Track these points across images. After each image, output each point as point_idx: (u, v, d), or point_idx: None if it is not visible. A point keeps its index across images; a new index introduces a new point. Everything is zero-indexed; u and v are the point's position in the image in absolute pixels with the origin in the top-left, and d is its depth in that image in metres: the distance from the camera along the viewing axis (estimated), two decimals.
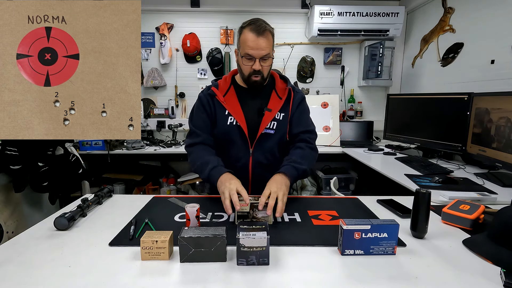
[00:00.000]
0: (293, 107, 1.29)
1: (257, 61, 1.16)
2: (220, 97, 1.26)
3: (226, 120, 1.25)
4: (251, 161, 1.26)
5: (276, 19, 3.08)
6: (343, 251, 0.81)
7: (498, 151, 1.57)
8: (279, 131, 1.26)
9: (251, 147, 1.26)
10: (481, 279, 0.71)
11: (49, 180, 1.96)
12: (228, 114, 1.25)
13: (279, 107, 1.26)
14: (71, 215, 0.98)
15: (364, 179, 2.89)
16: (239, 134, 1.24)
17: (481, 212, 1.00)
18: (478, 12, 2.14)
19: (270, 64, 1.22)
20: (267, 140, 1.25)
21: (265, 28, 1.15)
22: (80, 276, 0.72)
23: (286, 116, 1.28)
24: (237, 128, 1.24)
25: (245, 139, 1.25)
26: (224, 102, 1.25)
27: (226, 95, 1.27)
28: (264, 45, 1.14)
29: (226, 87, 1.28)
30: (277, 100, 1.27)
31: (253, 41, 1.13)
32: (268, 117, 1.24)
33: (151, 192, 2.93)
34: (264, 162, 1.27)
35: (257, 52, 1.15)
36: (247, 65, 1.18)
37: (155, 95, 3.18)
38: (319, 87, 3.20)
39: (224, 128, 1.25)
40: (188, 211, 0.93)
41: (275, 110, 1.25)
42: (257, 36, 1.13)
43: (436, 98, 2.14)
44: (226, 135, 1.25)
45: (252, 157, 1.26)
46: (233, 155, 1.27)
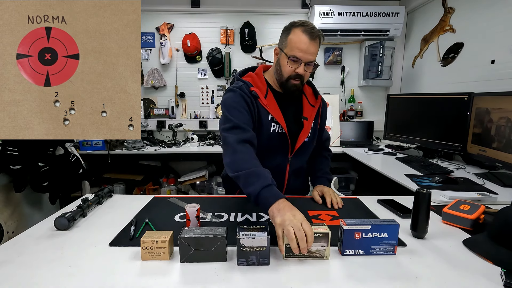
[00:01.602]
0: (322, 115, 1.29)
1: (302, 64, 1.09)
2: (264, 100, 1.14)
3: (269, 127, 1.15)
4: (288, 169, 1.23)
5: (276, 19, 3.08)
6: (343, 251, 0.81)
7: (498, 151, 1.57)
8: (313, 139, 1.26)
9: (290, 155, 1.21)
10: (481, 279, 0.70)
11: (49, 180, 1.97)
12: (271, 120, 1.15)
13: (313, 115, 1.22)
14: (71, 215, 0.98)
15: (364, 179, 2.89)
16: (282, 142, 1.17)
17: (481, 212, 1.00)
18: (478, 12, 2.14)
19: (312, 72, 1.18)
20: (305, 148, 1.23)
21: (318, 33, 1.08)
22: (80, 276, 0.72)
23: (316, 123, 1.26)
24: (281, 136, 1.16)
25: (286, 148, 1.18)
26: (267, 106, 1.13)
27: (266, 98, 1.15)
28: (314, 50, 1.08)
29: (264, 89, 1.16)
30: (310, 108, 1.23)
31: (305, 43, 1.06)
32: (308, 127, 1.20)
33: (151, 192, 2.93)
34: (297, 168, 1.27)
35: (305, 56, 1.07)
36: (291, 67, 1.10)
37: (155, 95, 3.18)
38: (319, 87, 3.20)
39: (268, 134, 1.15)
40: (188, 211, 0.93)
41: (310, 119, 1.21)
42: (310, 39, 1.06)
43: (436, 98, 2.14)
44: (269, 142, 1.16)
45: (289, 164, 1.22)
46: (271, 162, 1.16)
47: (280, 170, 1.21)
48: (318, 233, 0.78)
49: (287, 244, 0.78)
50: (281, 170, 1.21)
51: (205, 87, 3.19)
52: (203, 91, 3.19)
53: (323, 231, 0.78)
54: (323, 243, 0.78)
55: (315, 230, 0.78)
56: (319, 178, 1.27)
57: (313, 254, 0.79)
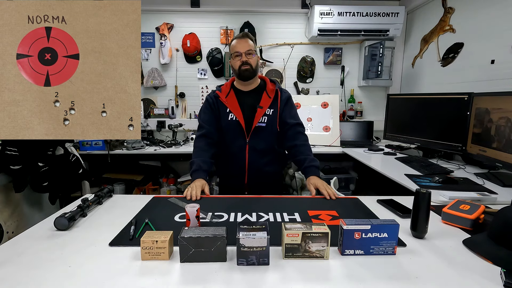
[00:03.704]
0: (281, 104, 1.56)
1: (243, 54, 1.47)
2: (223, 98, 1.54)
3: (227, 116, 1.53)
4: (248, 149, 1.53)
5: (276, 19, 3.08)
6: (343, 251, 0.81)
7: (498, 151, 1.57)
8: (270, 124, 1.53)
9: (247, 137, 1.52)
10: (481, 279, 0.71)
11: (49, 180, 1.96)
12: (229, 112, 1.53)
13: (268, 104, 1.53)
14: (71, 215, 0.98)
15: (364, 179, 2.89)
16: (238, 128, 1.51)
17: (481, 212, 1.00)
18: (478, 12, 2.13)
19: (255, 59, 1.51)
20: (260, 131, 1.52)
21: (246, 33, 1.52)
22: (80, 276, 0.72)
23: (275, 111, 1.54)
24: (237, 123, 1.51)
25: (242, 131, 1.52)
26: (226, 102, 1.53)
27: (227, 97, 1.55)
28: (245, 44, 1.47)
29: (227, 90, 1.56)
30: (267, 99, 1.54)
31: (238, 42, 1.49)
32: (260, 113, 1.51)
33: (151, 192, 2.93)
34: (258, 149, 1.53)
35: (242, 49, 1.47)
36: (236, 60, 1.49)
37: (155, 95, 3.18)
38: (319, 87, 3.20)
39: (226, 122, 1.53)
40: (188, 211, 0.93)
41: (265, 107, 1.52)
42: (239, 38, 1.49)
43: (436, 98, 2.14)
44: (228, 128, 1.53)
45: (248, 145, 1.53)
46: (233, 144, 1.54)
47: (241, 149, 1.53)
48: (318, 233, 0.78)
49: (287, 244, 0.78)
50: (241, 150, 1.53)
51: (205, 87, 3.19)
52: (203, 91, 3.19)
53: (323, 231, 0.78)
54: (323, 243, 0.78)
55: (315, 230, 0.78)
56: (307, 168, 1.44)
57: (313, 254, 0.79)
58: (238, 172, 1.55)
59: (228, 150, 1.55)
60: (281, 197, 1.29)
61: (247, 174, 1.55)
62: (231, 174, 1.60)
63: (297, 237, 0.78)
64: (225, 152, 1.57)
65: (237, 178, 1.57)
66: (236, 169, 1.55)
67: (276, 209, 1.13)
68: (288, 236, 0.78)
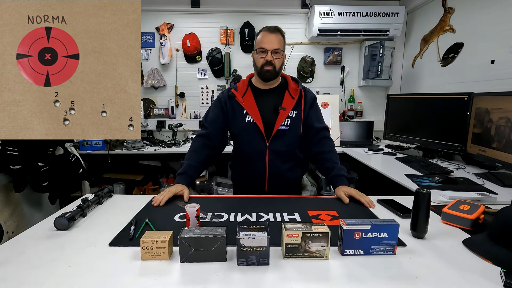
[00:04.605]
0: (305, 105, 1.41)
1: (269, 53, 1.30)
2: (239, 98, 1.38)
3: (244, 119, 1.37)
4: (268, 153, 1.38)
5: (276, 19, 3.07)
6: (343, 251, 0.81)
7: (498, 151, 1.57)
8: (293, 127, 1.38)
9: (267, 141, 1.37)
10: (481, 279, 0.71)
11: (49, 180, 1.96)
12: (246, 114, 1.37)
13: (292, 105, 1.37)
14: (71, 215, 0.98)
15: (364, 179, 2.89)
16: (256, 130, 1.36)
17: (481, 212, 1.00)
18: (478, 12, 2.13)
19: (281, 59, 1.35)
20: (282, 135, 1.37)
21: (277, 28, 1.33)
22: (80, 276, 0.72)
23: (299, 114, 1.40)
24: (254, 126, 1.36)
25: (261, 135, 1.36)
26: (243, 102, 1.38)
27: (244, 97, 1.39)
28: (275, 40, 1.30)
29: (244, 89, 1.41)
30: (290, 99, 1.38)
31: (267, 36, 1.31)
32: (283, 115, 1.36)
33: (151, 192, 2.93)
34: (280, 154, 1.39)
35: (270, 46, 1.30)
36: (260, 57, 1.32)
37: (155, 95, 3.18)
38: (319, 87, 3.20)
39: (242, 125, 1.38)
40: (188, 211, 0.93)
41: (288, 109, 1.37)
42: (270, 33, 1.31)
43: (436, 98, 2.14)
44: (245, 131, 1.38)
45: (268, 150, 1.38)
46: (251, 148, 1.39)
47: (260, 153, 1.38)
48: (318, 233, 0.78)
49: (287, 244, 0.78)
50: (261, 154, 1.38)
51: (205, 87, 3.19)
52: (203, 91, 3.19)
53: (323, 231, 0.78)
54: (323, 243, 0.78)
55: (315, 230, 0.78)
56: (335, 177, 1.32)
57: (313, 254, 0.79)
58: (257, 178, 1.41)
59: (245, 154, 1.40)
60: (281, 197, 1.29)
61: (267, 180, 1.41)
62: (249, 181, 1.46)
63: (297, 237, 0.78)
64: (240, 157, 1.44)
65: (256, 184, 1.43)
66: (254, 175, 1.41)
67: (276, 209, 1.13)
68: (288, 236, 0.78)
